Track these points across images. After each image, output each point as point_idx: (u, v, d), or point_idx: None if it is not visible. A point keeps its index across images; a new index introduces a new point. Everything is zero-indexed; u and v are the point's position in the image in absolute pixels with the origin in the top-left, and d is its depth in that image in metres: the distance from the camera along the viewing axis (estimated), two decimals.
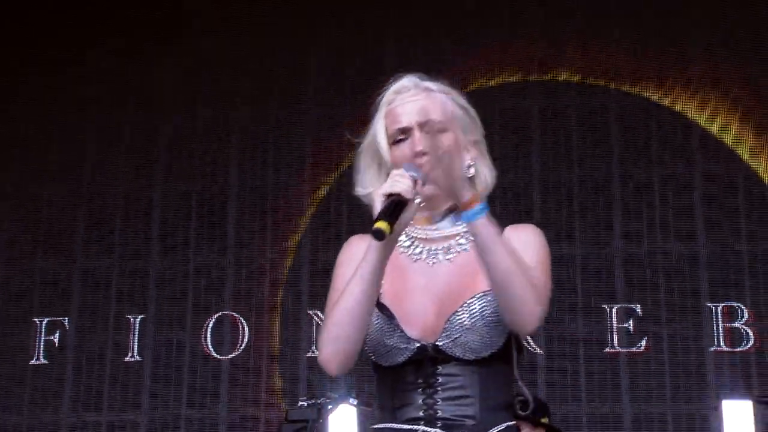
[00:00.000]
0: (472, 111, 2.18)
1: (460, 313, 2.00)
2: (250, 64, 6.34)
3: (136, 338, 6.00)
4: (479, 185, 2.14)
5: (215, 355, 5.96)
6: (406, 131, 2.11)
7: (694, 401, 5.55)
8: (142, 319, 6.03)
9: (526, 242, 2.06)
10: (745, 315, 5.65)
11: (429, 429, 1.98)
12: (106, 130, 6.34)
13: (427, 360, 2.00)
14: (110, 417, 5.90)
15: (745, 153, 5.90)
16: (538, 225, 2.18)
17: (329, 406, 4.59)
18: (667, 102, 6.01)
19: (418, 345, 2.00)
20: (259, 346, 5.94)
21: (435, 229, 2.13)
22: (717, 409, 5.08)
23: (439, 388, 2.00)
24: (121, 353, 5.99)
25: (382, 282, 2.01)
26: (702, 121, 5.96)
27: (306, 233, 6.07)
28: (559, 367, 5.67)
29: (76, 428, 5.91)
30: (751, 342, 5.61)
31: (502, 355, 2.02)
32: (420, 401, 2.00)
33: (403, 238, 2.10)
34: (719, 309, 5.67)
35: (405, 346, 2.00)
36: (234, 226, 6.13)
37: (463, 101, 2.18)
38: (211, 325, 5.99)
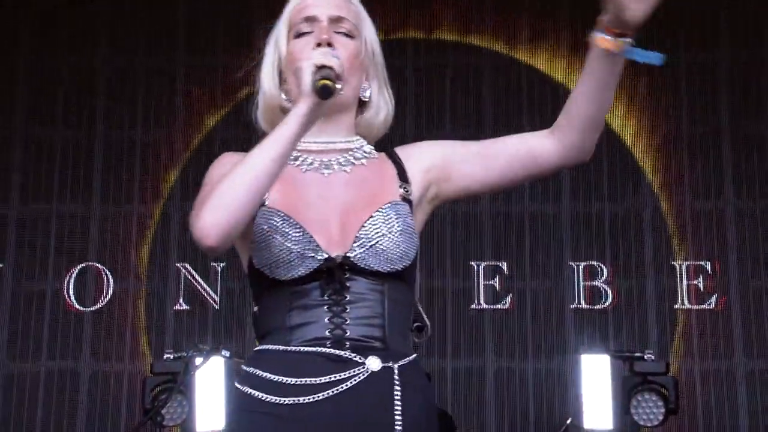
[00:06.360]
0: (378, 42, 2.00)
1: (375, 218, 1.80)
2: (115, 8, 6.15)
3: None
4: (371, 113, 2.03)
5: (78, 306, 5.81)
6: (312, 20, 1.92)
7: (554, 356, 5.73)
8: None
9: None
10: (605, 274, 5.85)
11: (337, 351, 1.76)
12: None
13: (335, 273, 1.77)
14: None
15: (608, 116, 6.06)
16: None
17: (198, 359, 4.50)
18: (535, 63, 6.11)
19: (326, 256, 1.77)
20: (124, 298, 5.82)
21: (325, 141, 1.92)
22: (576, 363, 5.24)
23: (347, 306, 1.77)
24: None
25: (268, 191, 1.76)
26: (569, 83, 6.09)
27: (175, 185, 5.95)
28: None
29: None
30: (610, 300, 5.81)
31: (409, 274, 1.84)
32: (326, 319, 1.77)
33: None
34: (581, 267, 5.85)
35: (312, 255, 1.77)
36: (100, 175, 5.96)
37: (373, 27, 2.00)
38: (73, 275, 5.83)
